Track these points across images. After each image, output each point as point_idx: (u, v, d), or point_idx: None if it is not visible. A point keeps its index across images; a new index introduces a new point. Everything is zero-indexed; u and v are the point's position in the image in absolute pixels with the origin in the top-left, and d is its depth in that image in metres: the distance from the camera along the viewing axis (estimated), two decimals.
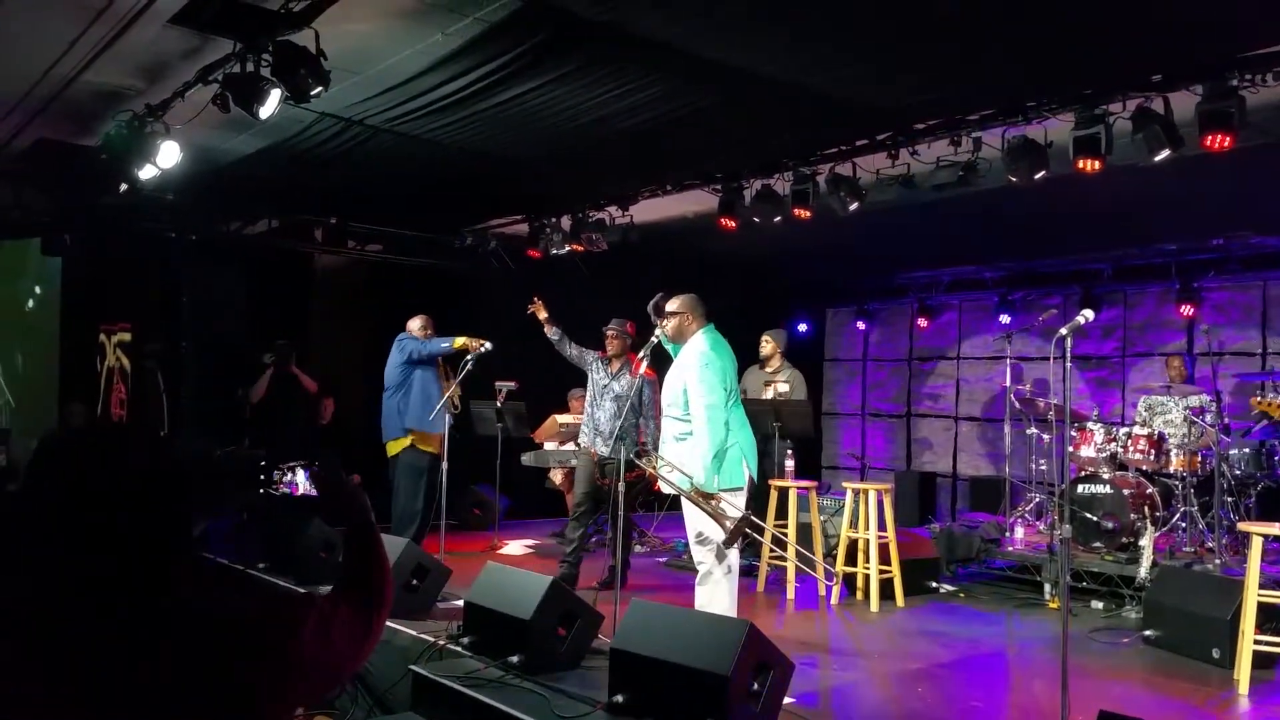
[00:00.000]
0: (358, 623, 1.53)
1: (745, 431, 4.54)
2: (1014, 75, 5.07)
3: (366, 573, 1.62)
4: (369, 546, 1.64)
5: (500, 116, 5.61)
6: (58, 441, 1.42)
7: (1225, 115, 4.61)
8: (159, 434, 6.40)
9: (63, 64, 5.20)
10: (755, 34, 4.56)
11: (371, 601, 1.58)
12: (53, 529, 1.33)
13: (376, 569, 1.63)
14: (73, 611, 1.29)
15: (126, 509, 1.34)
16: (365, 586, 1.59)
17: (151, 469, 1.39)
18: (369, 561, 1.63)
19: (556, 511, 8.62)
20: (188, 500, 1.43)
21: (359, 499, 1.68)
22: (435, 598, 5.06)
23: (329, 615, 1.46)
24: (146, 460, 1.40)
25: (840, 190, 6.34)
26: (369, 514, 1.68)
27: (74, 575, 1.31)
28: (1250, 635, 4.29)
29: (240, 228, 8.39)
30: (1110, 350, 9.66)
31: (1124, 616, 5.62)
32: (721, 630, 3.41)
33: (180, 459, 1.45)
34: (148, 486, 1.38)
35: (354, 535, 1.65)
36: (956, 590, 6.36)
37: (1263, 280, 8.68)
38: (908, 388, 11.34)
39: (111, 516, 1.33)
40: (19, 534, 1.35)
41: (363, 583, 1.60)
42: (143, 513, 1.36)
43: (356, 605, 1.55)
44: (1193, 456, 6.51)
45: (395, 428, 6.39)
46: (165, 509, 1.38)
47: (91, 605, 1.30)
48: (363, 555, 1.64)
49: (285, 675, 1.37)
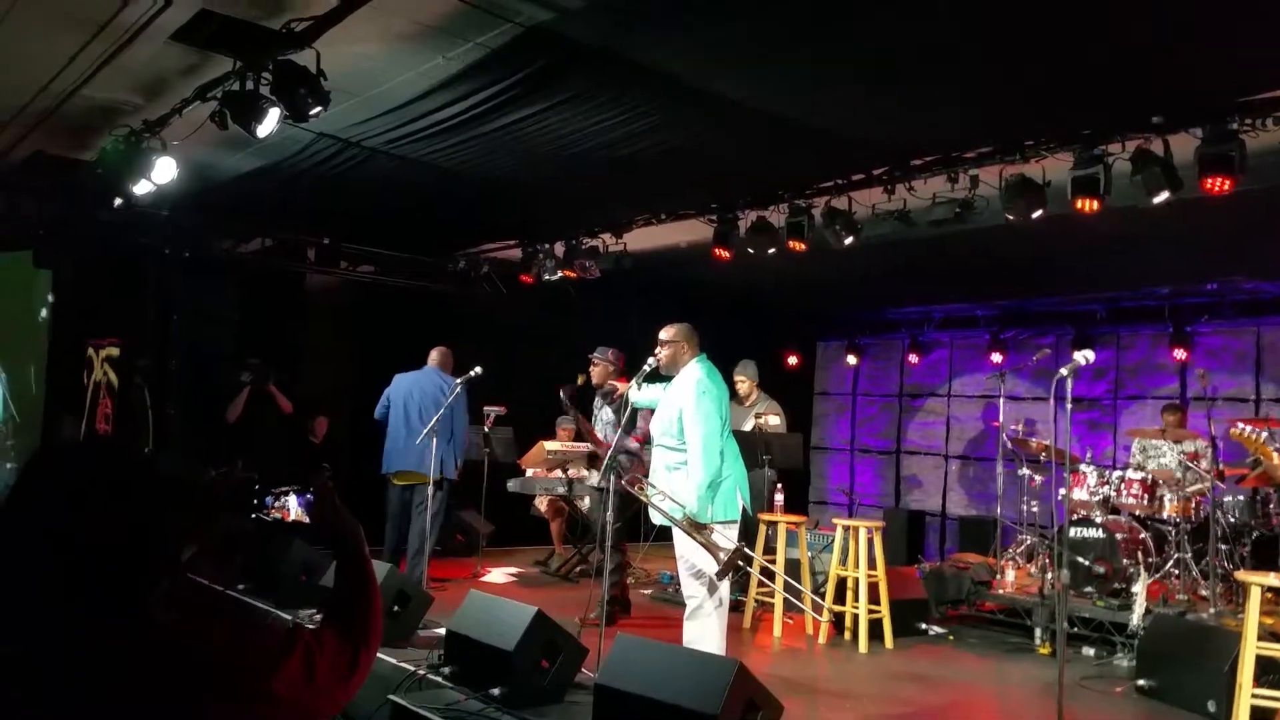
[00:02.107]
0: (344, 659, 1.46)
1: (738, 463, 4.50)
2: (1013, 113, 5.09)
3: (357, 605, 1.57)
4: (361, 578, 1.60)
5: (498, 141, 5.61)
6: (42, 456, 1.38)
7: (1226, 159, 4.62)
8: (142, 450, 6.32)
9: (62, 78, 5.18)
10: (755, 66, 4.57)
11: (359, 637, 1.52)
12: (29, 546, 1.28)
13: (367, 602, 1.58)
14: (45, 634, 1.24)
15: (104, 526, 1.30)
16: (354, 619, 1.54)
17: (131, 486, 1.35)
18: (360, 593, 1.58)
19: (541, 539, 8.53)
20: (168, 520, 1.37)
21: (352, 526, 1.64)
22: (416, 625, 4.97)
23: (315, 651, 1.41)
24: (125, 477, 1.35)
25: (835, 224, 6.34)
26: (363, 544, 1.64)
27: (48, 594, 1.26)
28: (1248, 688, 4.20)
29: (233, 246, 8.36)
30: (1102, 392, 9.65)
31: (1116, 664, 5.53)
32: (710, 668, 3.33)
33: (161, 477, 1.40)
34: (124, 504, 1.33)
35: (347, 564, 1.61)
36: (945, 633, 6.26)
37: (1256, 326, 8.69)
38: (898, 424, 11.30)
39: (88, 533, 1.29)
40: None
41: (352, 614, 1.55)
42: (120, 531, 1.31)
43: (343, 640, 1.49)
44: (1186, 502, 6.45)
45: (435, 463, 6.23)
46: (143, 527, 1.33)
47: (65, 627, 1.25)
48: (354, 586, 1.59)
49: (267, 712, 1.32)
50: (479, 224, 8.23)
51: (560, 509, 8.27)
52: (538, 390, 8.43)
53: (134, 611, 1.29)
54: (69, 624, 1.25)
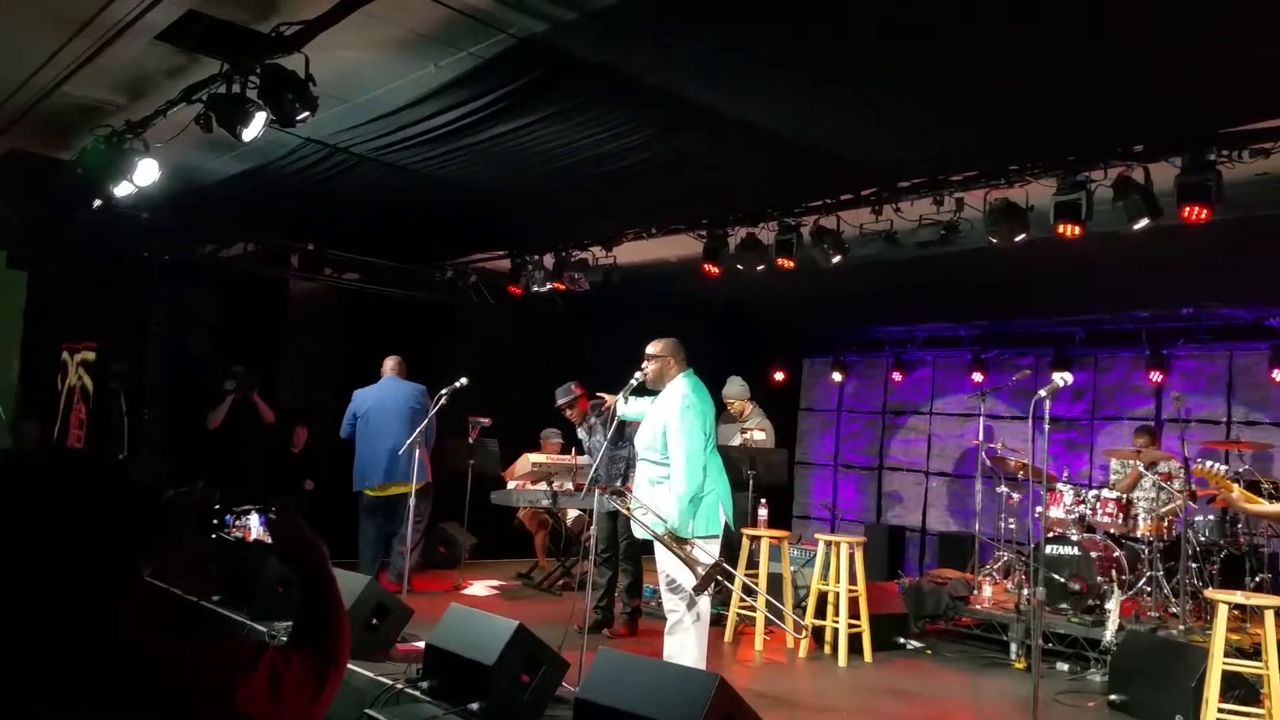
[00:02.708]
0: (311, 678, 1.44)
1: (723, 479, 4.50)
2: (1000, 139, 5.15)
3: (322, 626, 1.54)
4: (325, 598, 1.56)
5: (488, 151, 5.60)
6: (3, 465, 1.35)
7: (1204, 188, 4.70)
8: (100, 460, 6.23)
9: (42, 74, 5.11)
10: (749, 85, 4.60)
11: (326, 656, 1.49)
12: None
13: (333, 622, 1.55)
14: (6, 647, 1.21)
15: (58, 539, 1.27)
16: (320, 640, 1.51)
17: (87, 498, 1.32)
18: (325, 614, 1.55)
19: (524, 552, 8.47)
20: (124, 534, 1.35)
21: (316, 547, 1.60)
22: (395, 638, 4.91)
23: (281, 669, 1.38)
24: (81, 489, 1.33)
25: (824, 242, 6.39)
26: (326, 563, 1.60)
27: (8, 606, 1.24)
28: (1214, 703, 4.28)
29: (215, 250, 8.26)
30: (1079, 412, 9.75)
31: (1089, 679, 5.59)
32: (690, 683, 3.31)
33: (119, 489, 1.37)
34: (80, 517, 1.30)
35: (310, 585, 1.57)
36: (924, 647, 6.30)
37: (1229, 350, 8.84)
38: (880, 440, 11.36)
39: (41, 546, 1.26)
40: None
41: (317, 636, 1.52)
42: (76, 544, 1.28)
43: (310, 660, 1.47)
44: (1159, 521, 6.55)
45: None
46: (99, 541, 1.31)
47: (17, 644, 1.23)
48: (318, 606, 1.56)
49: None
50: (468, 234, 8.20)
51: (544, 521, 8.23)
52: (523, 402, 8.41)
53: (91, 627, 1.27)
54: (22, 641, 1.23)
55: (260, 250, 8.42)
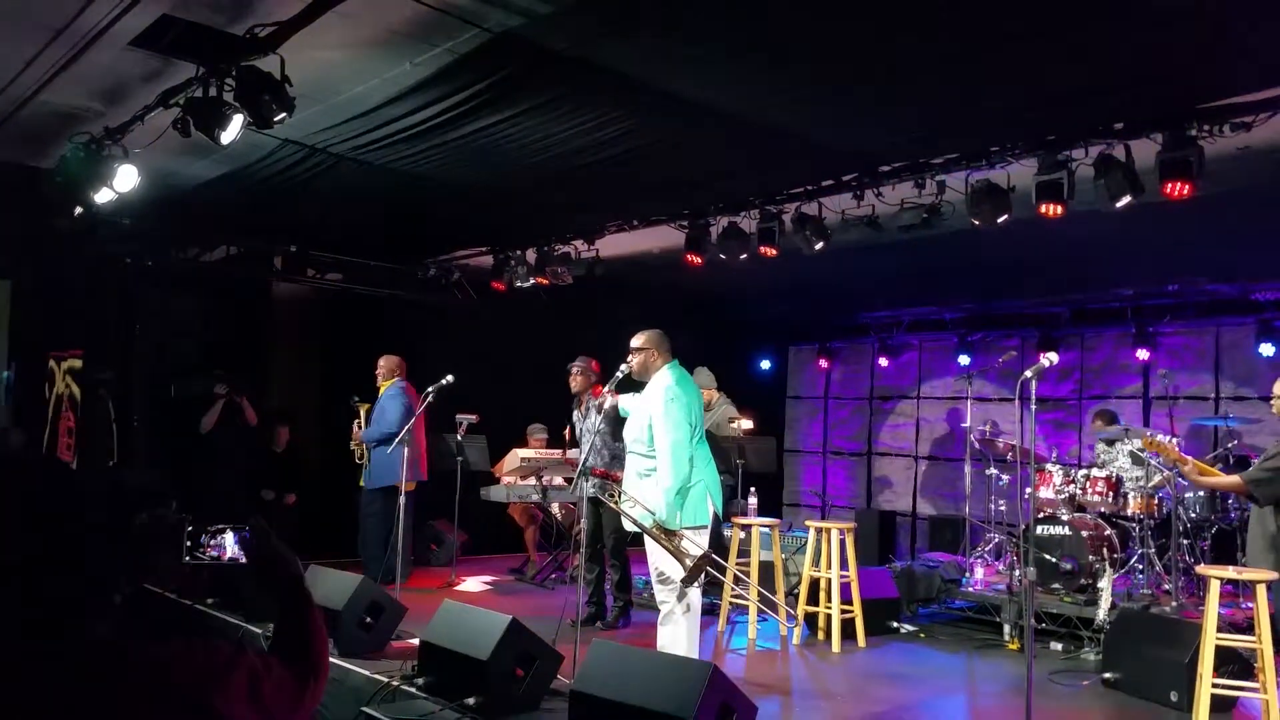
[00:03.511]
0: (290, 687, 1.45)
1: (710, 469, 4.51)
2: (978, 120, 5.16)
3: (300, 640, 1.54)
4: (302, 613, 1.57)
5: (467, 148, 5.58)
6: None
7: (1185, 164, 4.72)
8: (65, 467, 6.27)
9: (18, 83, 5.07)
10: (725, 74, 4.59)
11: (306, 670, 1.50)
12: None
13: (311, 636, 1.55)
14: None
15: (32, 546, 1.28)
16: (299, 655, 1.52)
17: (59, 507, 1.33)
18: (302, 628, 1.56)
19: (515, 548, 8.48)
20: (97, 543, 1.35)
21: (290, 564, 1.61)
22: (390, 636, 4.92)
23: (261, 672, 1.39)
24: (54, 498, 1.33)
25: (806, 229, 6.39)
26: (301, 579, 1.61)
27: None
28: (1208, 679, 4.31)
29: (198, 254, 8.23)
30: (1067, 392, 9.79)
31: (1083, 658, 5.63)
32: (684, 672, 3.33)
33: (90, 499, 1.37)
34: (52, 525, 1.31)
35: (286, 601, 1.58)
36: (917, 630, 6.33)
37: (1216, 326, 8.87)
38: (869, 426, 11.39)
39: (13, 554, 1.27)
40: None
41: (296, 651, 1.52)
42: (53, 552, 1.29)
43: (289, 669, 1.47)
44: (1149, 499, 6.58)
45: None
46: (72, 550, 1.31)
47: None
48: (295, 622, 1.56)
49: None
50: (449, 231, 8.19)
51: (534, 516, 8.24)
52: (510, 398, 8.40)
53: (67, 633, 1.27)
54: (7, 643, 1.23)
55: (242, 253, 8.40)
